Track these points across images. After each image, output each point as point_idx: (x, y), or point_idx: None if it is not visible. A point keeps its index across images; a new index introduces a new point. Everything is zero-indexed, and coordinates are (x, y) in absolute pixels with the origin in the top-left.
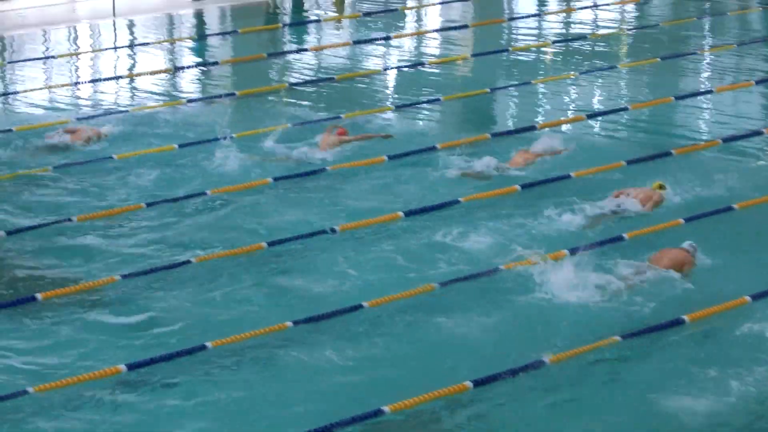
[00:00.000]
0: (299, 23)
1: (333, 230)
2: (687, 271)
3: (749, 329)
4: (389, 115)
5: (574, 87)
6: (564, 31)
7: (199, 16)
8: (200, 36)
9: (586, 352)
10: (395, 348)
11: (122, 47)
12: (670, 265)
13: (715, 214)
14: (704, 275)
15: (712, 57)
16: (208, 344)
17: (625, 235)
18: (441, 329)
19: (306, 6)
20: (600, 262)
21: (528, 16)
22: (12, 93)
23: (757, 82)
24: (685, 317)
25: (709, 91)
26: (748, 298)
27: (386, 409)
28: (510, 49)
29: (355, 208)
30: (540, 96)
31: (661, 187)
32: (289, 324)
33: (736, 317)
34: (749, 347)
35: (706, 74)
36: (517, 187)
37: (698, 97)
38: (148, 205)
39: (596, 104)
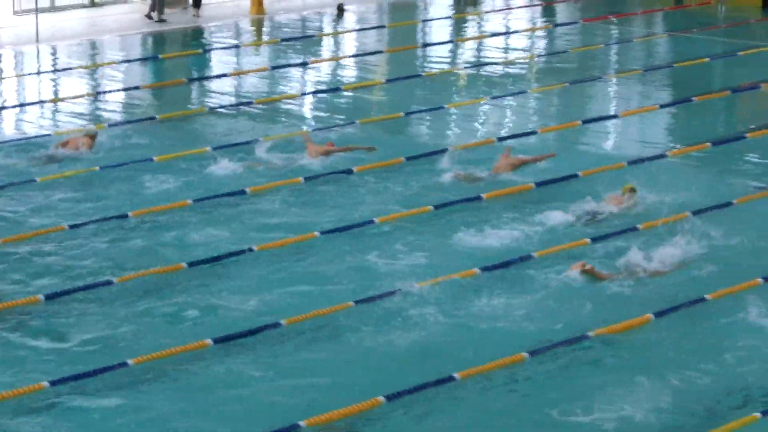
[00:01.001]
0: (219, 49)
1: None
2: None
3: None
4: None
5: (486, 111)
6: (476, 57)
7: (123, 41)
8: (123, 61)
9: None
10: (313, 364)
11: (45, 72)
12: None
13: (621, 234)
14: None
15: (619, 82)
16: (130, 361)
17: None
18: (356, 346)
19: (226, 33)
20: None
21: (441, 43)
22: None
23: (661, 106)
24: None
25: (615, 116)
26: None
27: (302, 424)
28: (423, 74)
29: (272, 226)
30: (452, 120)
31: (632, 189)
32: (209, 342)
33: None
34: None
35: (612, 99)
36: (430, 207)
37: (604, 121)
38: (71, 227)
39: (507, 128)
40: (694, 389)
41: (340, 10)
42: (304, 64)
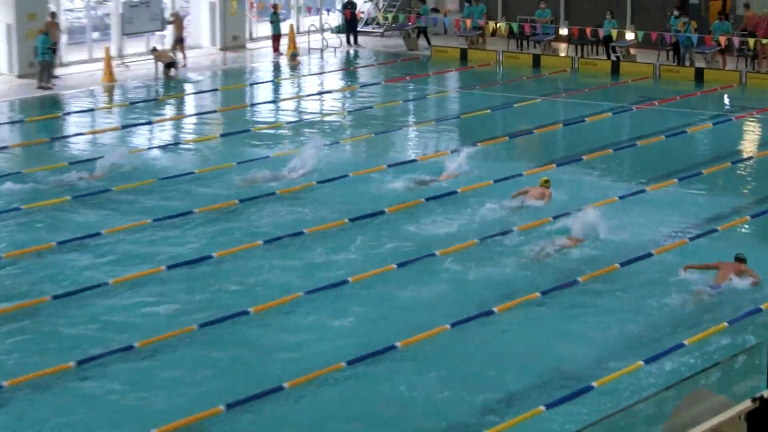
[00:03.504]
0: (76, 112)
1: None
2: None
3: None
4: (155, 185)
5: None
6: (297, 114)
7: None
8: None
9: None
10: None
11: None
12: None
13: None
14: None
15: (416, 132)
16: (4, 383)
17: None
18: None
19: (83, 99)
20: None
21: (266, 102)
22: None
23: (452, 152)
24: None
25: (413, 160)
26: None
27: None
28: (252, 129)
29: (123, 257)
30: (277, 167)
31: (547, 182)
32: (72, 364)
33: None
34: None
35: (411, 145)
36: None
37: (403, 165)
38: None
39: (321, 172)
40: None
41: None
42: (149, 123)
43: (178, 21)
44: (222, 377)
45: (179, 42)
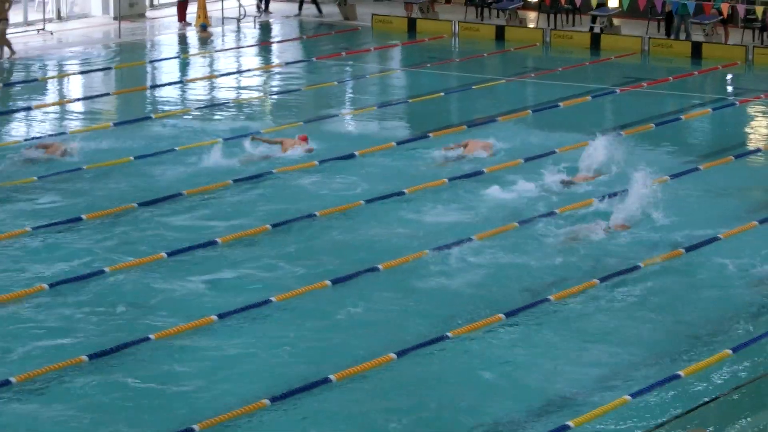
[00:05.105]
0: None
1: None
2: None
3: None
4: (36, 184)
5: (219, 152)
6: (208, 97)
7: None
8: None
9: None
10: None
11: None
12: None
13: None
14: None
15: (355, 119)
16: None
17: None
18: None
19: None
20: None
21: (170, 84)
22: None
23: (398, 144)
24: None
25: (352, 155)
26: None
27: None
28: (153, 116)
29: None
30: (185, 162)
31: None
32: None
33: None
34: None
35: (349, 137)
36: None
37: (340, 162)
38: None
39: (243, 169)
40: None
41: None
42: (28, 109)
43: None
44: (117, 418)
45: None
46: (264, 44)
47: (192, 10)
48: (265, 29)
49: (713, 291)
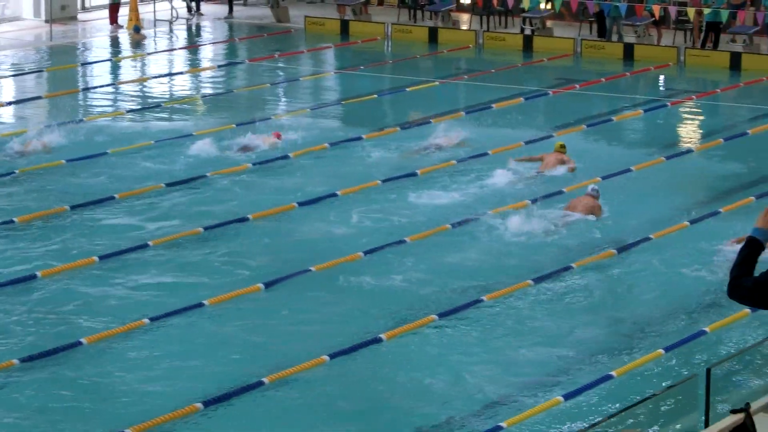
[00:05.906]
0: None
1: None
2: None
3: None
4: None
5: (152, 155)
6: (140, 99)
7: None
8: None
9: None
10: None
11: None
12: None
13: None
14: None
15: (288, 121)
16: None
17: None
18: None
19: None
20: None
21: (102, 86)
22: None
23: (332, 145)
24: None
25: (286, 156)
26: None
27: None
28: (84, 119)
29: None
30: (116, 166)
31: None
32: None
33: None
34: None
35: (288, 138)
36: None
37: (272, 163)
38: None
39: (176, 172)
40: None
41: None
42: None
43: None
44: (46, 422)
45: None
46: (196, 46)
47: (124, 12)
48: (198, 31)
49: (645, 291)
